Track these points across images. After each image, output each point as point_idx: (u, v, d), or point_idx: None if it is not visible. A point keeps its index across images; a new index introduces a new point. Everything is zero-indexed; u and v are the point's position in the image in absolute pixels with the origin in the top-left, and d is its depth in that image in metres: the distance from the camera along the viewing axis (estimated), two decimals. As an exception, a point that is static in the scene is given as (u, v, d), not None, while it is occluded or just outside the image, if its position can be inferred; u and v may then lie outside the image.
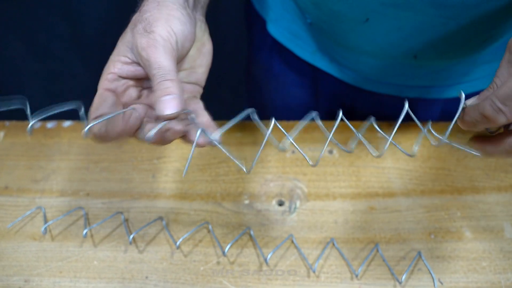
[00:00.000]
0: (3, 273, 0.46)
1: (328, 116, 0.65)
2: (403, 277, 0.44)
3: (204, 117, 0.40)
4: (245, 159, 0.57)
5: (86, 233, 0.48)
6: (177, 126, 0.37)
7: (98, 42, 1.15)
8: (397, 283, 0.44)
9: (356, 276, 0.45)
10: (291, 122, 0.61)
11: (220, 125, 0.38)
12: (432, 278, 0.44)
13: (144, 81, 0.41)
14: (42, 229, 0.49)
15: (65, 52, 1.18)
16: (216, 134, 0.37)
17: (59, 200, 0.53)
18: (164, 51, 0.37)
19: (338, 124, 0.61)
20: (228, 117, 0.45)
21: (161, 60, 0.36)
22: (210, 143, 0.37)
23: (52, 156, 0.57)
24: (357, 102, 0.66)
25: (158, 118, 0.36)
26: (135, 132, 0.38)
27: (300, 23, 0.61)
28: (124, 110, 0.37)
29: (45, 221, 0.50)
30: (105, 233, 0.49)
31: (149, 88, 0.41)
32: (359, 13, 0.50)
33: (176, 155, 0.57)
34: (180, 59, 0.40)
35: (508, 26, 0.50)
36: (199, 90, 0.44)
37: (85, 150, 0.58)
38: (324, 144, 0.57)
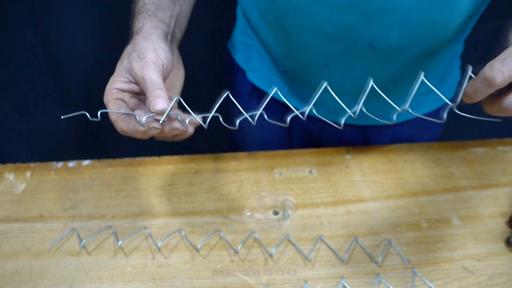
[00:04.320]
0: (49, 283, 0.54)
1: (301, 146, 0.78)
2: (379, 259, 0.56)
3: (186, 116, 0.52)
4: (242, 181, 0.68)
5: (120, 244, 0.58)
6: (158, 124, 0.48)
7: (82, 101, 1.25)
8: (375, 265, 0.56)
9: (343, 261, 0.57)
10: (269, 152, 0.74)
11: (205, 158, 0.50)
12: (402, 258, 0.57)
13: (139, 95, 0.53)
14: (82, 244, 0.58)
15: (50, 110, 1.27)
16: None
17: (89, 223, 0.62)
18: (154, 70, 0.48)
19: (313, 151, 0.75)
20: (212, 151, 0.59)
21: (152, 77, 0.48)
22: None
23: (78, 189, 0.67)
24: (324, 133, 0.81)
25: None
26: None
27: (275, 72, 0.75)
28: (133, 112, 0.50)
29: (80, 239, 0.59)
30: (133, 246, 0.59)
31: (144, 100, 0.53)
32: (320, 60, 0.64)
33: (185, 182, 0.68)
34: (163, 80, 0.51)
35: (439, 63, 0.66)
36: (178, 100, 0.56)
37: (106, 182, 0.68)
38: (304, 167, 0.71)
